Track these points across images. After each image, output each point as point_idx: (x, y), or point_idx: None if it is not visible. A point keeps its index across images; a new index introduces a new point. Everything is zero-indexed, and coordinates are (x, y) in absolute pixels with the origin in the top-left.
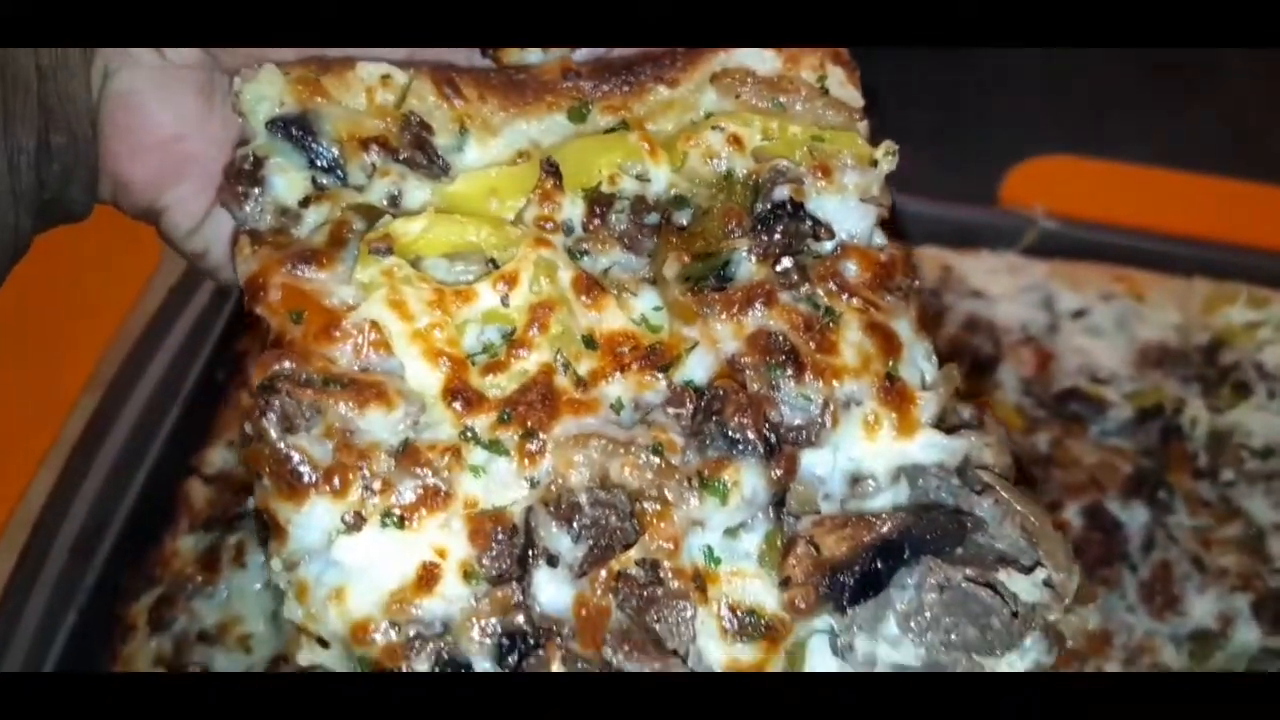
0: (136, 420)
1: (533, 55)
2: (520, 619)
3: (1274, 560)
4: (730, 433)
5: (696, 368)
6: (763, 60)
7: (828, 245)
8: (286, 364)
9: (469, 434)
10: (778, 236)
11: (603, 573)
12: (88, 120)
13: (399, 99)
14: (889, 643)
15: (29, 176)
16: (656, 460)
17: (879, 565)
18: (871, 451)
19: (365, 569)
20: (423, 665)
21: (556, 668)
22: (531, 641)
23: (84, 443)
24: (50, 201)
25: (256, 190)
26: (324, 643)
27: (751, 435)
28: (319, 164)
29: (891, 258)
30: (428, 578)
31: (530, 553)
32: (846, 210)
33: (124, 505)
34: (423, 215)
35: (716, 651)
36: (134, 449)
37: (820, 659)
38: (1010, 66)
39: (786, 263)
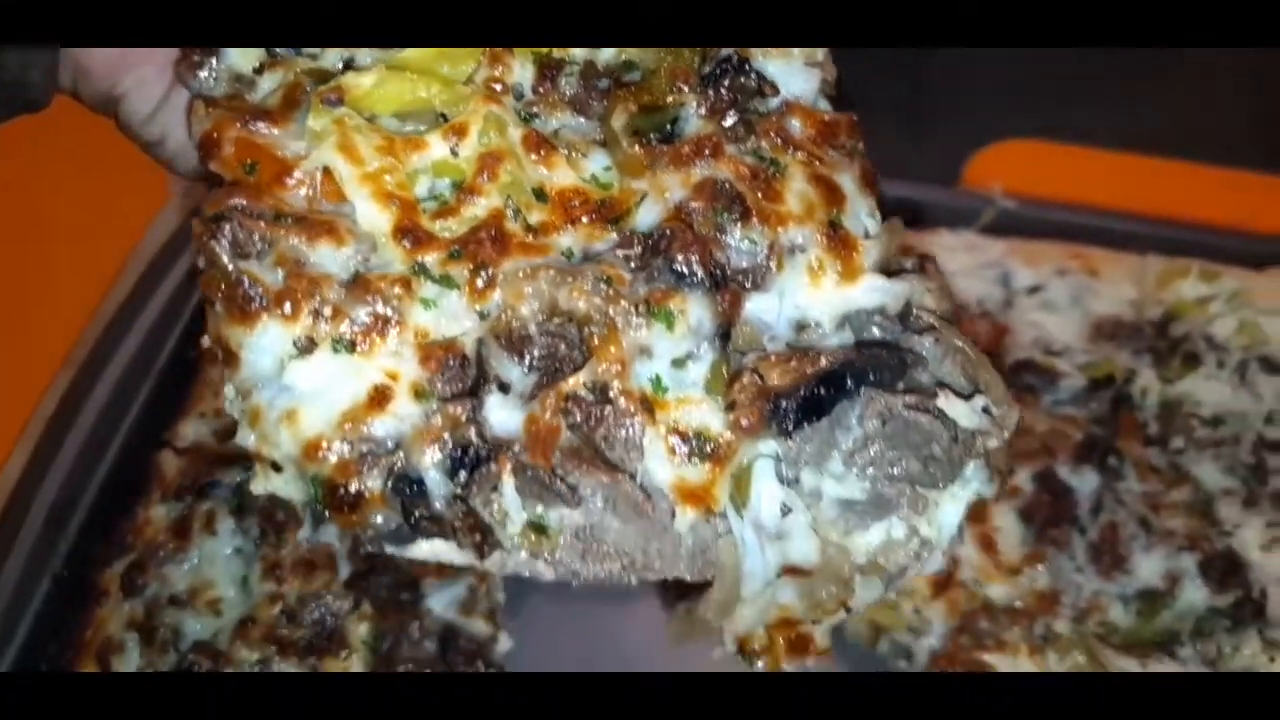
0: (110, 395)
1: None
2: (472, 433)
3: (1223, 524)
4: (677, 266)
5: (646, 218)
6: None
7: (773, 102)
8: (240, 200)
9: (419, 268)
10: (724, 91)
11: (552, 394)
12: None
13: None
14: (834, 478)
15: None
16: (605, 287)
17: (821, 391)
18: (817, 299)
19: (317, 392)
20: (375, 482)
21: (507, 479)
22: (483, 454)
23: (59, 417)
24: (10, 85)
25: (212, 59)
26: (277, 467)
27: (698, 269)
28: None
29: (835, 119)
30: (379, 398)
31: (482, 381)
32: (791, 72)
33: (98, 476)
34: (374, 69)
35: (663, 472)
36: (108, 422)
37: (766, 483)
38: (976, 51)
39: (733, 117)
